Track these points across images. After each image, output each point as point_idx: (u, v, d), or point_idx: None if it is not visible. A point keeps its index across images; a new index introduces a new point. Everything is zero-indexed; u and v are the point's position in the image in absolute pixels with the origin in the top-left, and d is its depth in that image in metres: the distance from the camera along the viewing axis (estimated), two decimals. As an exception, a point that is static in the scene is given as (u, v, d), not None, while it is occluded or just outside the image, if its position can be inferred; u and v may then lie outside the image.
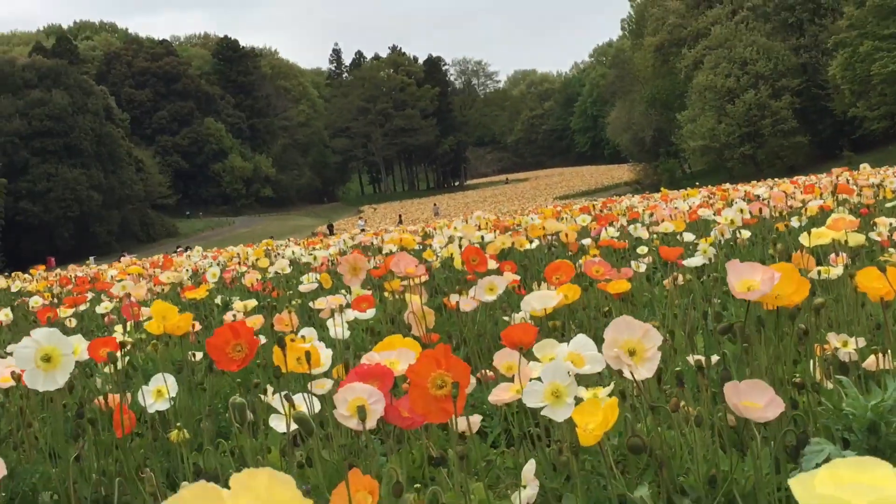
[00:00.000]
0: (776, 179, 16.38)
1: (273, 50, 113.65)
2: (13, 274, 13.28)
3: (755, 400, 1.76)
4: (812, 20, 56.96)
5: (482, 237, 6.64)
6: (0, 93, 64.01)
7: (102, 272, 12.16)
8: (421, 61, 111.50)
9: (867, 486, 0.85)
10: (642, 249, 6.55)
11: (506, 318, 4.35)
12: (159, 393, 3.09)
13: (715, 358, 3.08)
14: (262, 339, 4.16)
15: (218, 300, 6.75)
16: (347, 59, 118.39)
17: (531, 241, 6.63)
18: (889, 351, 2.87)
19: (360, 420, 1.97)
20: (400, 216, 43.75)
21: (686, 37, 61.56)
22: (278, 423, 2.49)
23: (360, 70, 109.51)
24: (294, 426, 2.51)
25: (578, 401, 2.02)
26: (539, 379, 2.04)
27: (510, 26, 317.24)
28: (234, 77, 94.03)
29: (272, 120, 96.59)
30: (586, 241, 7.13)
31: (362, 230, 11.18)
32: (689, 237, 6.28)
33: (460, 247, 6.15)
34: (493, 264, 4.96)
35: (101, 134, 66.61)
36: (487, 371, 3.75)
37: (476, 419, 2.77)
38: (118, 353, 3.21)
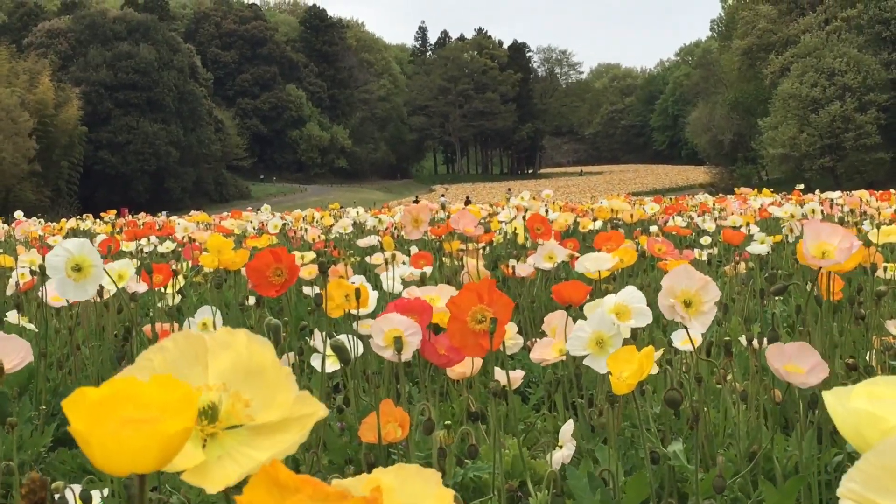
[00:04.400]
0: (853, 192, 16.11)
1: (360, 22, 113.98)
2: (84, 215, 13.43)
3: (799, 364, 1.70)
4: (907, 35, 55.93)
5: (547, 212, 6.58)
6: (90, 43, 64.90)
7: (171, 222, 12.28)
8: (506, 46, 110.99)
9: (905, 404, 0.81)
10: (706, 240, 6.47)
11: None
12: (204, 326, 3.09)
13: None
14: (316, 289, 4.16)
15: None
16: (433, 38, 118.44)
17: (595, 221, 6.57)
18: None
19: (395, 351, 1.94)
20: (468, 198, 43.47)
21: (775, 42, 60.63)
22: (318, 363, 2.48)
23: (445, 49, 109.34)
24: (336, 367, 2.50)
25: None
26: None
27: (598, 18, 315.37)
28: (318, 46, 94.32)
29: (353, 92, 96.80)
30: (652, 229, 7.05)
31: (443, 206, 11.11)
32: (756, 232, 6.17)
33: (524, 219, 6.11)
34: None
35: (183, 91, 67.27)
36: (538, 339, 3.70)
37: (518, 374, 2.74)
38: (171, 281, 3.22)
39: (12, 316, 3.47)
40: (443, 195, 49.53)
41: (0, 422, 2.55)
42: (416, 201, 22.72)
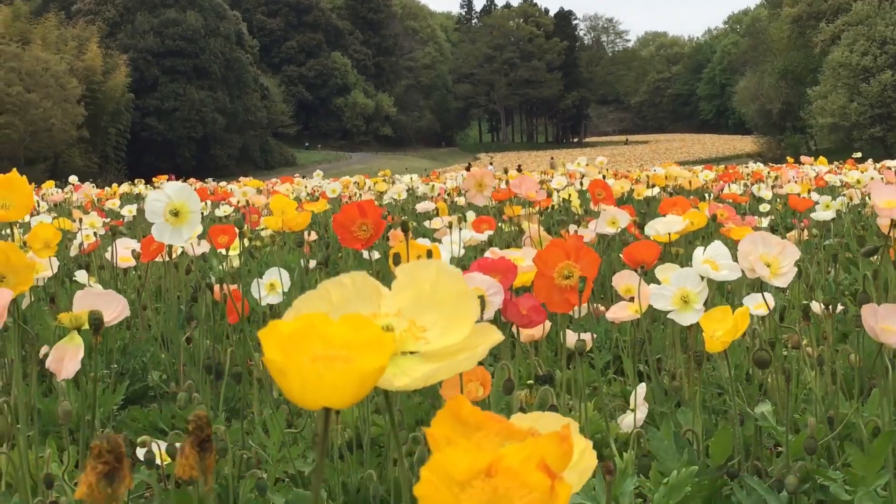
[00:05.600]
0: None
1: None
2: (136, 180, 13.57)
3: (894, 325, 1.69)
4: (961, 3, 54.97)
5: (603, 178, 6.55)
6: (137, 10, 65.18)
7: (223, 188, 12.36)
8: (552, 13, 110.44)
9: None
10: (765, 207, 6.42)
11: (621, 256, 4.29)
12: (272, 287, 3.11)
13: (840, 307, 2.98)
14: (375, 254, 4.17)
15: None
16: (478, 6, 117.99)
17: (651, 188, 6.52)
18: None
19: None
20: (519, 166, 43.35)
21: (825, 10, 59.76)
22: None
23: (490, 17, 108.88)
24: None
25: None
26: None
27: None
28: (364, 13, 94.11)
29: (398, 59, 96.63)
30: (708, 197, 7.01)
31: (505, 170, 11.04)
32: (821, 198, 6.09)
33: (582, 185, 6.09)
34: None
35: (230, 58, 67.40)
36: (598, 305, 3.70)
37: (590, 336, 2.73)
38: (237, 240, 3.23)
39: (81, 276, 3.50)
40: (490, 163, 49.42)
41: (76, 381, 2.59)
42: (469, 168, 22.63)
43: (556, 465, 0.62)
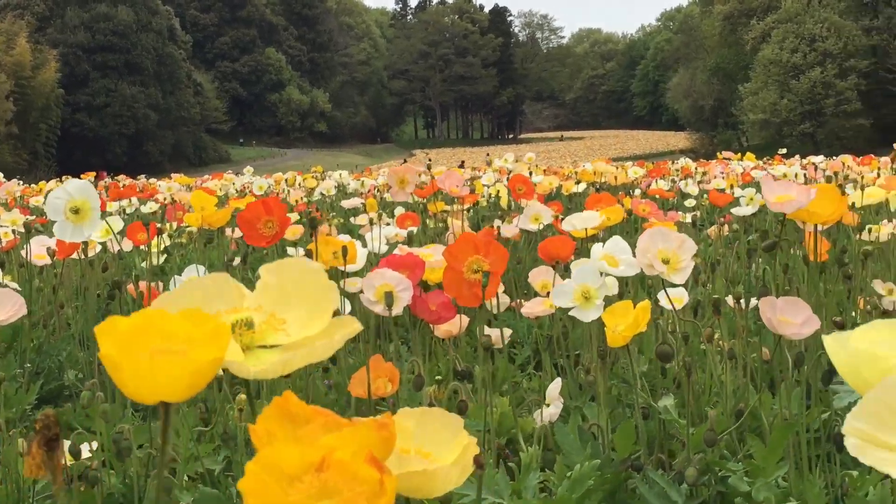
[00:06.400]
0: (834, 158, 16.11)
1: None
2: (63, 177, 13.39)
3: (791, 317, 1.71)
4: (888, 2, 55.83)
5: (531, 174, 6.57)
6: (67, 4, 64.32)
7: (153, 184, 12.25)
8: (487, 10, 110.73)
9: (904, 343, 0.82)
10: (690, 202, 6.48)
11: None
12: (192, 284, 3.07)
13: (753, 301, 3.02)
14: (300, 250, 4.15)
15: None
16: (413, 1, 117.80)
17: (578, 184, 6.56)
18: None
19: (386, 306, 1.94)
20: (462, 162, 43.31)
21: (756, 8, 60.53)
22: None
23: (425, 13, 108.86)
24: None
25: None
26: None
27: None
28: (298, 9, 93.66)
29: (333, 55, 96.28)
30: (636, 193, 7.06)
31: (429, 167, 10.92)
32: (742, 193, 6.17)
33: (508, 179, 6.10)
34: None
35: (162, 54, 66.79)
36: (522, 301, 3.71)
37: (507, 332, 2.74)
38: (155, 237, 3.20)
39: (-5, 274, 3.45)
40: (428, 160, 49.24)
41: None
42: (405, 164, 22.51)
43: (377, 451, 0.63)
